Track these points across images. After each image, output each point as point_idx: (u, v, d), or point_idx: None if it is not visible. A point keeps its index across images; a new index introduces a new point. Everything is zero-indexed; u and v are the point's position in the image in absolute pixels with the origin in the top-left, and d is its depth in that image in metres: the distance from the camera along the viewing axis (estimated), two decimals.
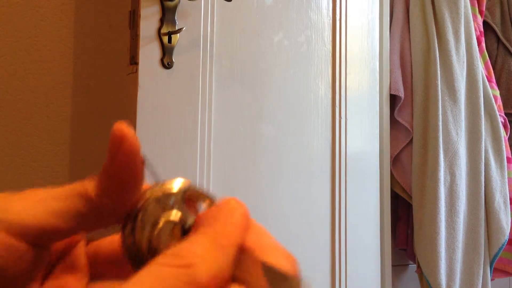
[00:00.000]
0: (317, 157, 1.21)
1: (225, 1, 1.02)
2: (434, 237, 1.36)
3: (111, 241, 0.26)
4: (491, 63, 1.71)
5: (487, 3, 1.76)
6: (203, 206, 0.25)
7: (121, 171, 0.22)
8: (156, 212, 0.23)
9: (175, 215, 0.23)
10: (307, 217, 1.18)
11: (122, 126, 0.22)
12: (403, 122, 1.46)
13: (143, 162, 0.23)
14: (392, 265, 1.39)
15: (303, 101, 1.19)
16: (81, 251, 0.27)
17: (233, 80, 1.07)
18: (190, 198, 0.25)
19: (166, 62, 0.95)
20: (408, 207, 1.51)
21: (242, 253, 0.20)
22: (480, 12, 1.67)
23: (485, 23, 1.75)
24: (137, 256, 0.23)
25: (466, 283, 1.45)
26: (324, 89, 1.24)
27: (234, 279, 0.19)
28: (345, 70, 1.28)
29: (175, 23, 0.96)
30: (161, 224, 0.23)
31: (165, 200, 0.24)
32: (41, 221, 0.21)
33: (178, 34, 0.96)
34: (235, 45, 1.08)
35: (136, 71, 0.92)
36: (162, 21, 0.95)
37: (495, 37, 1.78)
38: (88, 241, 0.27)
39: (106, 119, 1.10)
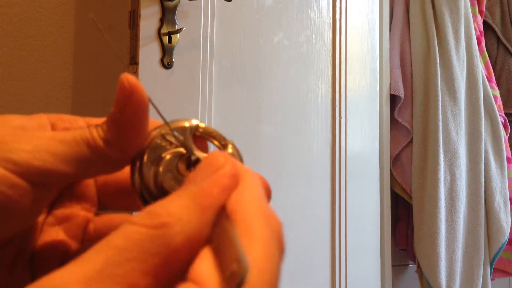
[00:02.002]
0: (317, 157, 1.21)
1: (225, 1, 1.02)
2: (434, 237, 1.36)
3: (121, 172, 0.26)
4: (491, 63, 1.71)
5: (487, 3, 1.76)
6: (215, 145, 0.25)
7: (131, 121, 0.22)
8: (162, 147, 0.24)
9: (179, 149, 0.24)
10: (307, 217, 1.18)
11: (130, 77, 0.22)
12: (403, 122, 1.46)
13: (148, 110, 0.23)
14: (392, 265, 1.39)
15: (303, 101, 1.19)
16: (89, 181, 0.27)
17: (233, 80, 1.07)
18: (200, 136, 0.25)
19: (166, 62, 0.95)
20: (408, 207, 1.51)
21: (221, 215, 0.19)
22: (480, 12, 1.67)
23: (485, 23, 1.75)
24: (146, 193, 0.23)
25: (466, 283, 1.45)
26: (324, 89, 1.24)
27: (208, 241, 0.18)
28: (345, 70, 1.28)
29: (175, 23, 0.96)
30: (166, 158, 0.23)
31: (170, 136, 0.24)
32: (46, 164, 0.21)
33: (178, 34, 0.96)
34: (235, 45, 1.08)
35: (136, 71, 0.92)
36: (162, 21, 0.95)
37: (495, 37, 1.78)
38: None
39: None
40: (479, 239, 1.48)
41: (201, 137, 0.25)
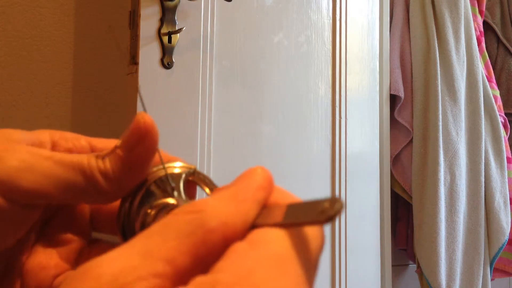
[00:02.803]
0: (317, 157, 1.21)
1: (225, 1, 1.02)
2: (434, 237, 1.36)
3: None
4: (491, 63, 1.71)
5: (487, 3, 1.76)
6: (206, 192, 0.25)
7: (138, 162, 0.22)
8: (155, 194, 0.23)
9: (172, 200, 0.23)
10: None
11: (146, 118, 0.22)
12: (403, 122, 1.46)
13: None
14: (392, 265, 1.39)
15: (303, 101, 1.19)
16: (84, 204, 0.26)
17: (233, 80, 1.07)
18: (192, 182, 0.25)
19: (166, 62, 0.95)
20: (408, 207, 1.50)
21: (265, 208, 0.20)
22: (480, 12, 1.67)
23: (485, 23, 1.75)
24: (129, 233, 0.23)
25: (466, 283, 1.45)
26: (324, 89, 1.24)
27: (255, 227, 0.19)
28: (345, 70, 1.28)
29: (175, 23, 0.96)
30: (156, 207, 0.23)
31: (165, 184, 0.24)
32: (36, 186, 0.20)
33: (178, 34, 0.96)
34: (235, 45, 1.08)
35: (136, 71, 0.92)
36: (162, 21, 0.95)
37: (495, 37, 1.78)
38: None
39: (106, 120, 1.10)
40: (479, 239, 1.48)
41: (193, 182, 0.25)
